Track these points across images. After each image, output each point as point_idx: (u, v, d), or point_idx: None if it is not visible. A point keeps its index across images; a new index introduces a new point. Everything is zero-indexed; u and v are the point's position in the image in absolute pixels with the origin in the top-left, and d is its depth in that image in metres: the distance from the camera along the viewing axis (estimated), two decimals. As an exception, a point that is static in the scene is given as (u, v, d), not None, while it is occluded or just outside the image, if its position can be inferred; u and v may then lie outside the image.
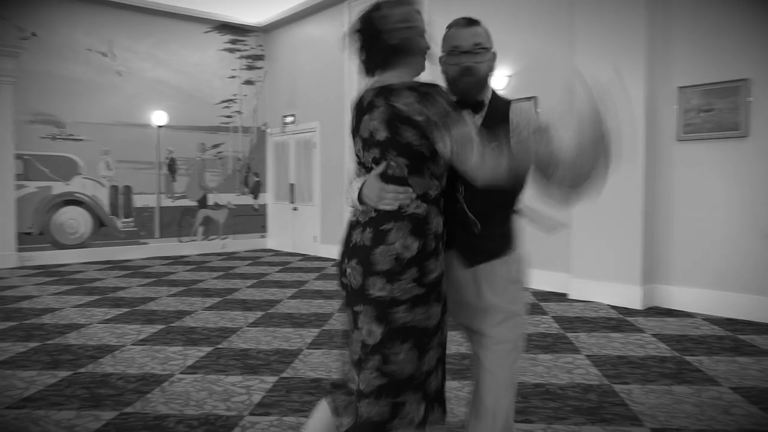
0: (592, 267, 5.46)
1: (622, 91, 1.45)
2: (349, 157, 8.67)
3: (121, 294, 6.01)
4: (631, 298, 5.16)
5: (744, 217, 4.74)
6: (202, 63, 9.78)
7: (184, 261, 8.74)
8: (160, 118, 9.25)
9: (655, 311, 5.02)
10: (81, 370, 3.48)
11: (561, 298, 5.58)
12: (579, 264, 5.56)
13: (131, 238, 9.08)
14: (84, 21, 8.61)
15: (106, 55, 8.82)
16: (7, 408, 2.90)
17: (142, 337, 4.27)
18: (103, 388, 3.17)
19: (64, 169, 8.45)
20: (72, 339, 4.21)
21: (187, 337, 4.27)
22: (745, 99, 4.68)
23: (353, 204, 1.75)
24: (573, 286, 5.60)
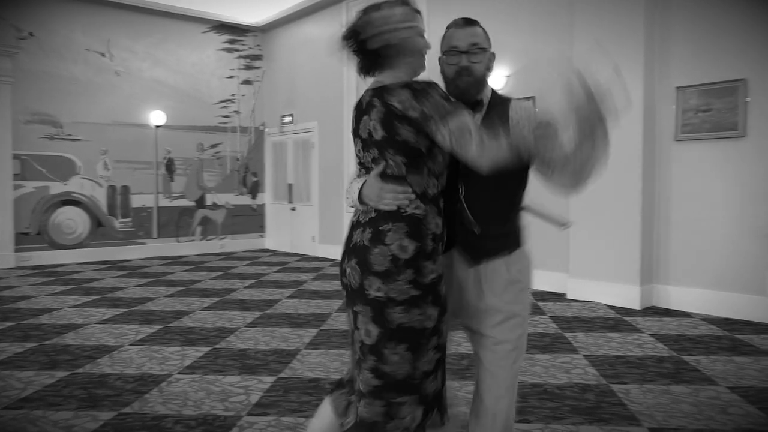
0: (590, 267, 5.47)
1: (622, 89, 1.41)
2: (348, 157, 8.67)
3: (119, 294, 6.00)
4: (629, 298, 5.17)
5: (742, 217, 4.75)
6: (200, 63, 9.77)
7: (182, 261, 8.73)
8: (158, 118, 9.24)
9: (653, 311, 5.03)
10: (79, 371, 3.48)
11: (559, 298, 5.59)
12: (577, 264, 5.56)
13: (129, 239, 9.06)
14: (82, 21, 8.60)
15: (104, 55, 8.81)
16: (5, 408, 2.89)
17: (140, 337, 4.27)
18: (101, 389, 3.17)
19: (62, 169, 8.44)
20: (70, 339, 4.21)
21: (185, 337, 4.27)
22: (743, 99, 4.69)
23: (354, 204, 1.76)
24: (571, 285, 5.60)
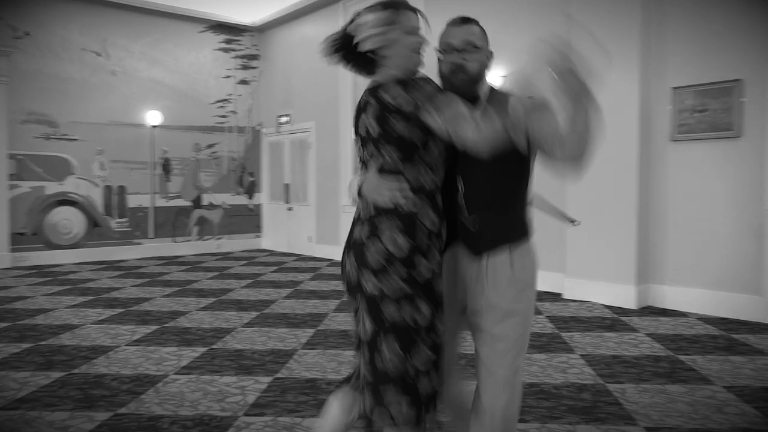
0: (586, 267, 5.48)
1: (598, 50, 1.41)
2: (344, 157, 8.68)
3: (115, 294, 5.99)
4: (625, 297, 5.18)
5: (737, 217, 4.76)
6: (196, 63, 9.75)
7: (179, 261, 8.72)
8: (154, 117, 9.22)
9: (649, 311, 5.04)
10: (75, 371, 3.47)
11: (556, 297, 5.60)
12: (573, 264, 5.57)
13: (125, 239, 9.04)
14: (78, 20, 8.58)
15: (100, 54, 8.79)
16: (1, 409, 2.88)
17: (136, 337, 4.26)
18: (97, 389, 3.16)
19: (58, 169, 8.41)
20: (65, 340, 4.19)
21: (182, 337, 4.26)
22: (738, 99, 4.71)
23: (354, 200, 1.80)
24: (567, 285, 5.61)
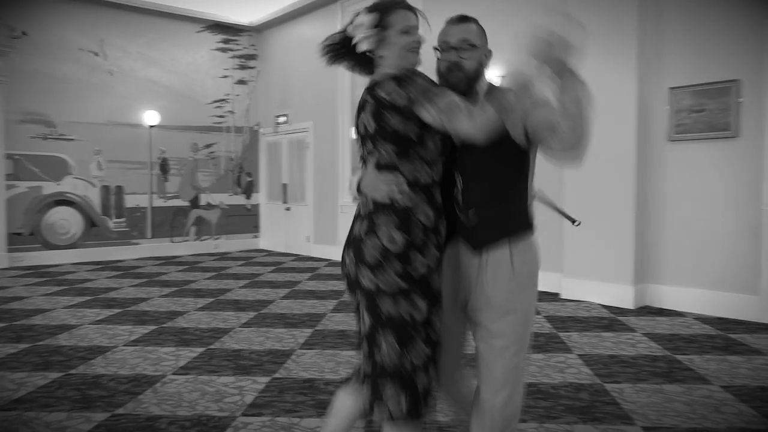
0: (584, 267, 5.48)
1: (574, 27, 1.44)
2: (342, 156, 8.69)
3: (112, 295, 5.98)
4: (622, 297, 5.19)
5: (735, 217, 4.77)
6: (194, 62, 9.74)
7: (177, 261, 8.71)
8: (151, 117, 9.21)
9: (646, 311, 5.05)
10: (72, 372, 3.46)
11: (553, 297, 5.60)
12: (571, 264, 5.58)
13: (123, 239, 9.03)
14: (75, 20, 8.56)
15: (97, 54, 8.77)
16: (-3, 410, 2.88)
17: (134, 338, 4.25)
18: (95, 390, 3.15)
19: (55, 169, 8.40)
20: (63, 340, 4.19)
21: (180, 337, 4.25)
22: (735, 100, 4.72)
23: (354, 196, 1.84)
24: (565, 285, 5.62)
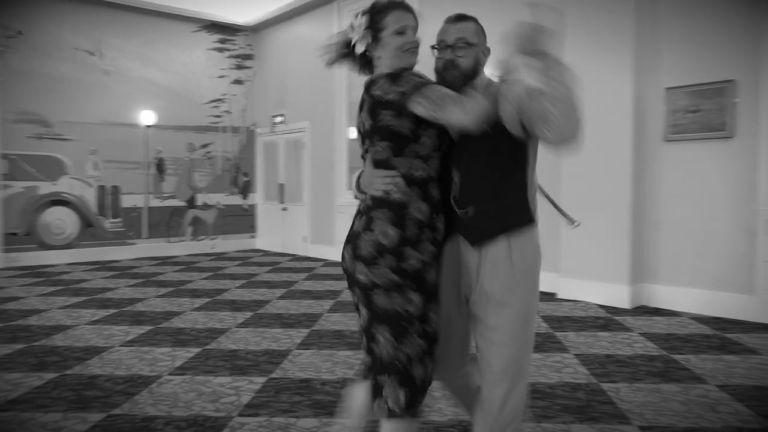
0: (580, 267, 5.49)
1: (548, 15, 1.49)
2: (339, 156, 8.68)
3: (108, 295, 5.96)
4: (619, 297, 5.20)
5: (730, 217, 4.79)
6: (190, 62, 9.72)
7: (173, 261, 8.69)
8: (148, 117, 9.19)
9: (642, 310, 5.06)
10: (68, 372, 3.45)
11: (550, 297, 5.61)
12: (568, 264, 5.59)
13: (119, 239, 9.01)
14: (71, 19, 8.54)
15: (93, 54, 8.75)
16: (-7, 410, 2.87)
17: (130, 338, 4.24)
18: (91, 390, 3.14)
19: (51, 169, 8.37)
20: (59, 340, 4.17)
21: (176, 338, 4.24)
22: (731, 100, 4.73)
23: (355, 193, 1.89)
24: (562, 285, 5.63)
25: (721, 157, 4.83)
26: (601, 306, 5.22)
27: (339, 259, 8.36)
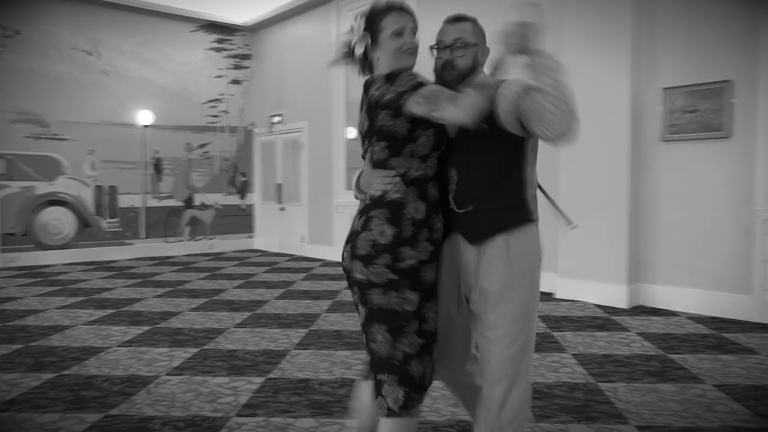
0: (578, 266, 5.50)
1: (535, 13, 1.55)
2: (337, 156, 8.68)
3: (106, 295, 5.95)
4: (616, 297, 5.21)
5: (727, 217, 4.80)
6: (188, 62, 9.71)
7: (171, 261, 8.68)
8: (145, 117, 9.18)
9: (640, 310, 5.07)
10: (65, 373, 3.44)
11: (547, 297, 5.61)
12: (565, 263, 5.59)
13: (116, 239, 8.99)
14: (68, 19, 8.52)
15: (90, 53, 8.73)
16: (-10, 411, 2.86)
17: (128, 338, 4.23)
18: (88, 391, 3.14)
19: (48, 169, 8.36)
20: (56, 341, 4.17)
21: (173, 338, 4.24)
22: (728, 100, 4.74)
23: (355, 193, 1.92)
24: (559, 285, 5.63)
25: (719, 157, 4.84)
26: (599, 306, 5.23)
27: (337, 259, 8.38)
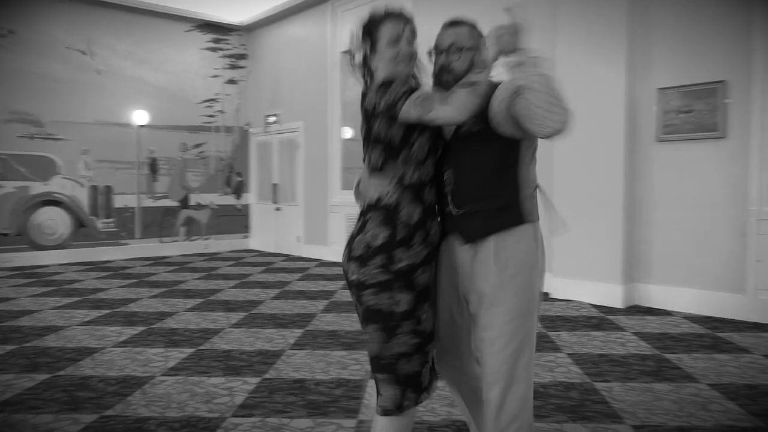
0: (573, 266, 5.51)
1: (523, 13, 1.60)
2: (333, 157, 8.68)
3: (101, 295, 5.93)
4: (612, 296, 5.22)
5: (722, 217, 4.82)
6: (184, 62, 9.69)
7: (166, 262, 8.66)
8: (140, 117, 9.15)
9: (635, 310, 5.08)
10: (60, 373, 3.43)
11: (543, 297, 5.63)
12: (560, 263, 5.60)
13: (111, 239, 8.96)
14: (63, 18, 8.49)
15: (85, 53, 8.70)
16: (-16, 412, 2.85)
17: (123, 338, 4.22)
18: (83, 391, 3.13)
19: (43, 168, 8.32)
20: (50, 341, 4.15)
21: (169, 338, 4.23)
22: (723, 100, 4.76)
23: (355, 198, 1.97)
24: (555, 285, 5.64)
25: (714, 157, 4.86)
26: (594, 305, 5.24)
27: (333, 259, 8.39)
